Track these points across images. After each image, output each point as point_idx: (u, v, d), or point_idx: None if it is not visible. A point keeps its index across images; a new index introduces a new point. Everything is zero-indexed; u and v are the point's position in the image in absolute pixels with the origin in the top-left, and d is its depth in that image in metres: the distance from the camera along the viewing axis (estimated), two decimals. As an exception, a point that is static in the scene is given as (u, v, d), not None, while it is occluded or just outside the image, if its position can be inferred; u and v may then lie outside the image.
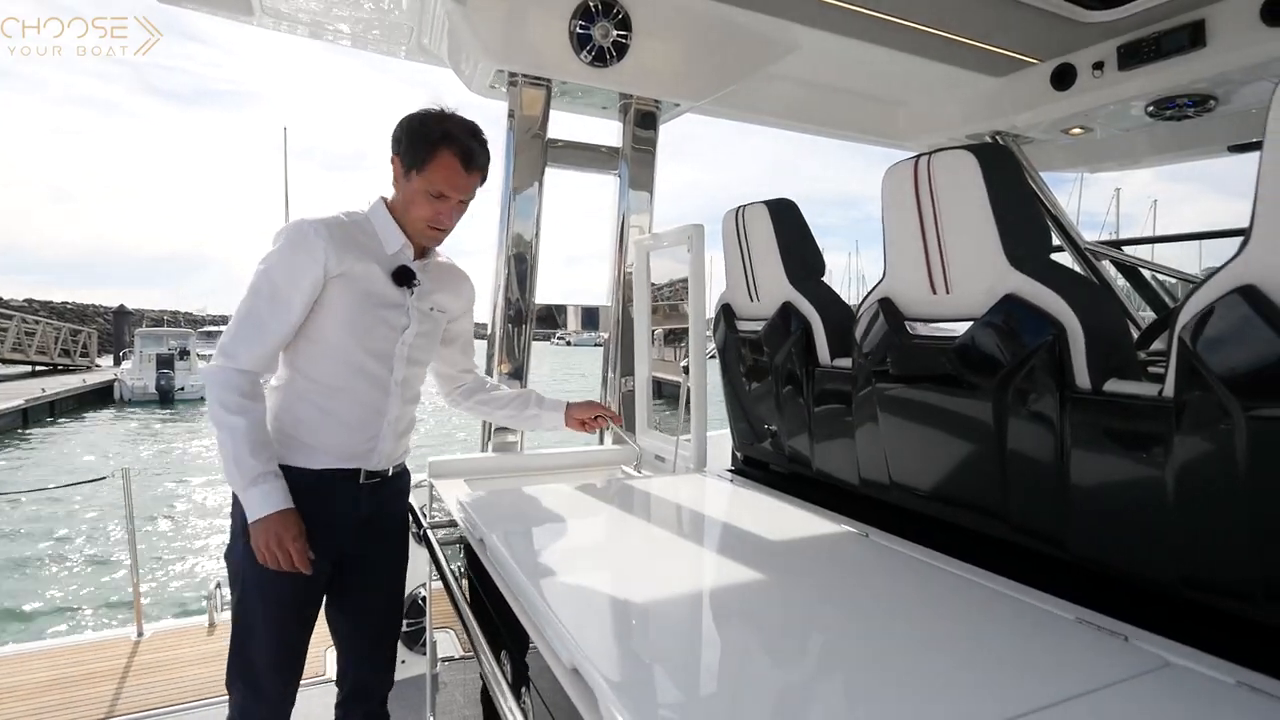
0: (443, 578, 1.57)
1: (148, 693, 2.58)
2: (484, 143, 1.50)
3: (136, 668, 2.79)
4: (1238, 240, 0.90)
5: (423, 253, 1.59)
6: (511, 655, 1.20)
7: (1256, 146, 0.86)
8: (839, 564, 1.30)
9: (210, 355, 1.50)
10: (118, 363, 26.59)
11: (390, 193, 1.56)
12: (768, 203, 1.76)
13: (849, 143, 3.54)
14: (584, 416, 1.94)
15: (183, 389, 22.03)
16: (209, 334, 30.87)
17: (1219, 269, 0.91)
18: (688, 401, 2.04)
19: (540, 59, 2.21)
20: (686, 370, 2.02)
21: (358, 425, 1.52)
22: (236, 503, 1.45)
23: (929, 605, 1.10)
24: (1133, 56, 2.42)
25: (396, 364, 1.54)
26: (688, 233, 1.96)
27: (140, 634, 3.08)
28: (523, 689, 1.13)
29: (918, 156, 1.31)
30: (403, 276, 1.53)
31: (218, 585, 3.31)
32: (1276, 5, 1.97)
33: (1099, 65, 2.55)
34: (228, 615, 3.25)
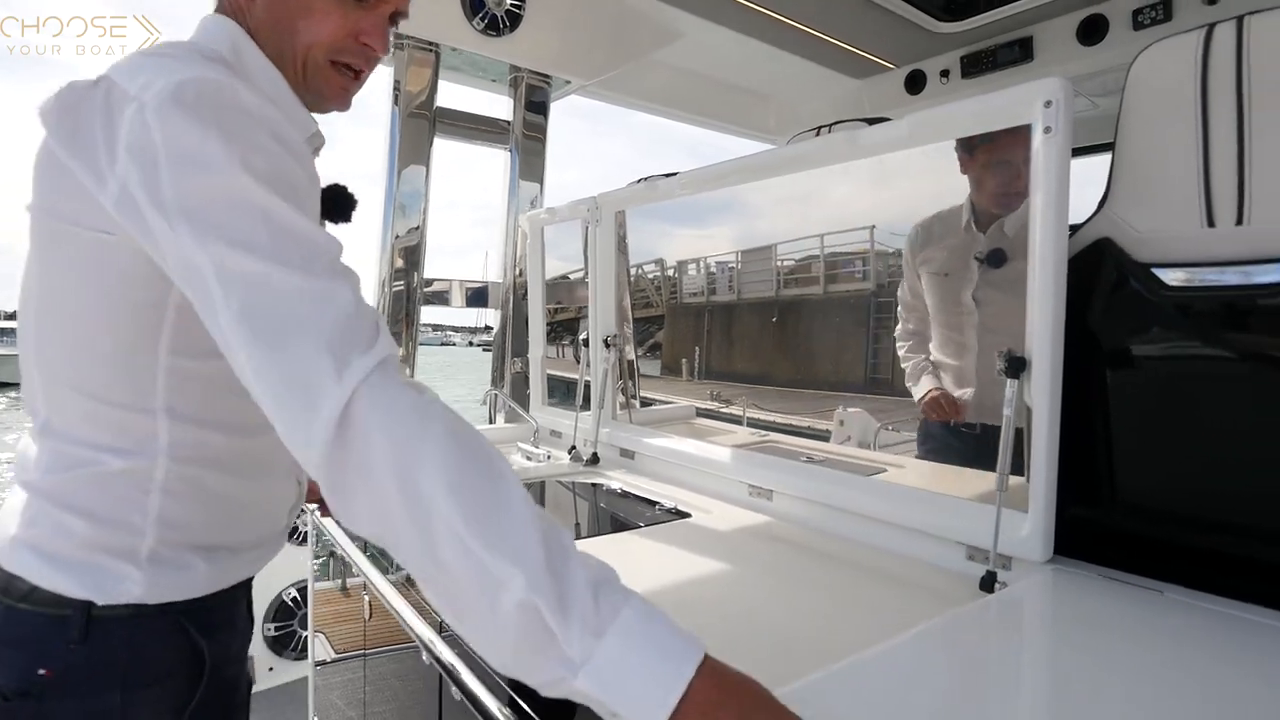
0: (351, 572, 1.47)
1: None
2: None
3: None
4: None
5: None
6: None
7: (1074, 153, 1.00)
8: None
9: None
10: None
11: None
12: None
13: (689, 149, 3.68)
14: None
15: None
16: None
17: (1081, 225, 1.06)
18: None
19: (429, 22, 2.13)
20: (586, 342, 2.03)
21: (278, 497, 0.90)
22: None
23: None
24: (974, 66, 2.72)
25: None
26: (586, 205, 1.97)
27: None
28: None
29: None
30: (340, 205, 0.92)
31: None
32: (1090, 27, 2.30)
33: (945, 73, 2.84)
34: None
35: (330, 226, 0.91)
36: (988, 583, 1.01)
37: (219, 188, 0.62)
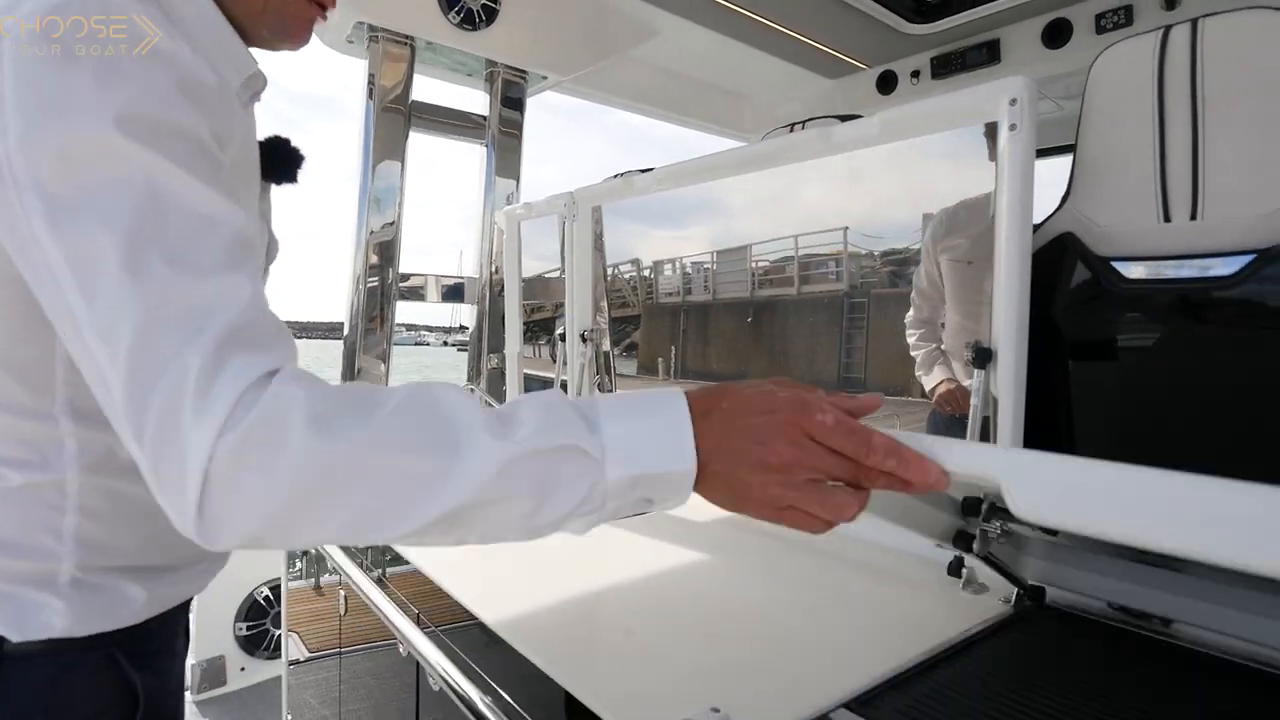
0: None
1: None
2: None
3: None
4: None
5: None
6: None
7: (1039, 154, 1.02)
8: None
9: None
10: None
11: None
12: None
13: (665, 148, 3.70)
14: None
15: None
16: None
17: (1044, 221, 1.09)
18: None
19: (405, 14, 2.12)
20: (563, 338, 2.03)
21: None
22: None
23: None
24: (943, 67, 2.77)
25: None
26: (563, 200, 1.97)
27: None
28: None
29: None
30: (284, 161, 0.80)
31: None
32: (1055, 31, 2.36)
33: (916, 74, 2.89)
34: None
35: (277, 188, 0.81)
36: (955, 568, 1.04)
37: (87, 149, 0.49)
